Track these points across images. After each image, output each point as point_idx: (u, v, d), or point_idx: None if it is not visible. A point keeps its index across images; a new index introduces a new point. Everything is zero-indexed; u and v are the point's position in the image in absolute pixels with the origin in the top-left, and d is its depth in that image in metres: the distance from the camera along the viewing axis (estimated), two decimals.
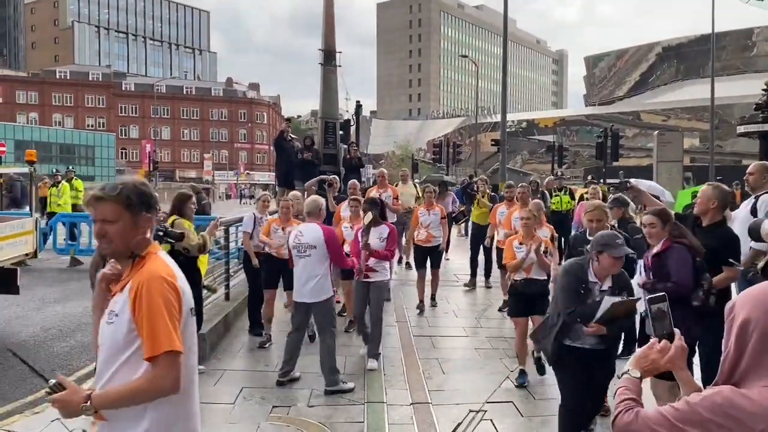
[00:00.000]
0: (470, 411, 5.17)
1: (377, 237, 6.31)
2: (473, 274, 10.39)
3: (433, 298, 8.95)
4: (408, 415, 5.07)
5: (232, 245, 8.70)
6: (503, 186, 11.81)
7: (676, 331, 1.71)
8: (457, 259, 12.73)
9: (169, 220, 5.83)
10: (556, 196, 11.91)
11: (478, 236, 10.24)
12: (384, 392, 5.58)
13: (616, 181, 16.65)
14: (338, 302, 7.80)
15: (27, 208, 10.23)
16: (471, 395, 5.56)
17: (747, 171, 5.62)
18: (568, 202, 11.85)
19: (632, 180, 6.85)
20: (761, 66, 70.64)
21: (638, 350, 1.75)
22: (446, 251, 10.47)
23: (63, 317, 8.47)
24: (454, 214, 12.25)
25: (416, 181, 13.37)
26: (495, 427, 4.82)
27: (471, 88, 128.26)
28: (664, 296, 1.76)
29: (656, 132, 14.89)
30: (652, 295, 1.78)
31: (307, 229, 5.71)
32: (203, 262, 6.05)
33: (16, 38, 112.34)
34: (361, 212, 6.94)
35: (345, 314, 7.94)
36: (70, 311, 8.71)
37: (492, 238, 9.26)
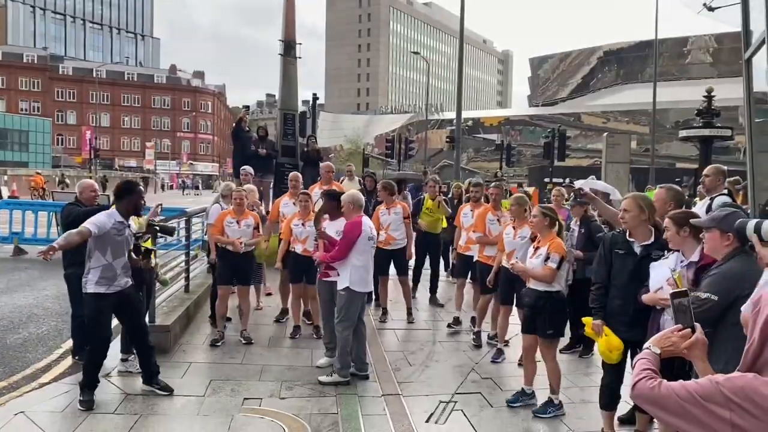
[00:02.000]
0: (441, 402, 5.29)
1: (335, 230, 5.91)
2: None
3: (409, 313, 8.09)
4: (381, 407, 5.14)
5: (194, 236, 8.53)
6: (456, 185, 11.26)
7: (697, 325, 1.82)
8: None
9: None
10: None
11: (426, 246, 9.10)
12: (355, 384, 5.64)
13: (561, 181, 17.18)
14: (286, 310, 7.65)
15: None
16: (439, 387, 5.67)
17: (703, 173, 5.93)
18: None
19: (582, 181, 7.09)
20: (695, 73, 73.89)
21: (662, 331, 1.86)
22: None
23: (12, 308, 8.14)
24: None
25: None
26: (466, 417, 4.95)
27: (419, 84, 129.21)
28: (686, 291, 1.88)
29: (605, 134, 15.43)
30: (675, 290, 1.89)
31: (370, 223, 5.92)
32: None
33: None
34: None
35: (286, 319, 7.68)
36: (19, 302, 8.39)
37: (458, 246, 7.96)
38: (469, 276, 7.79)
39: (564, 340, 6.27)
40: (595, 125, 70.35)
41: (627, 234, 4.19)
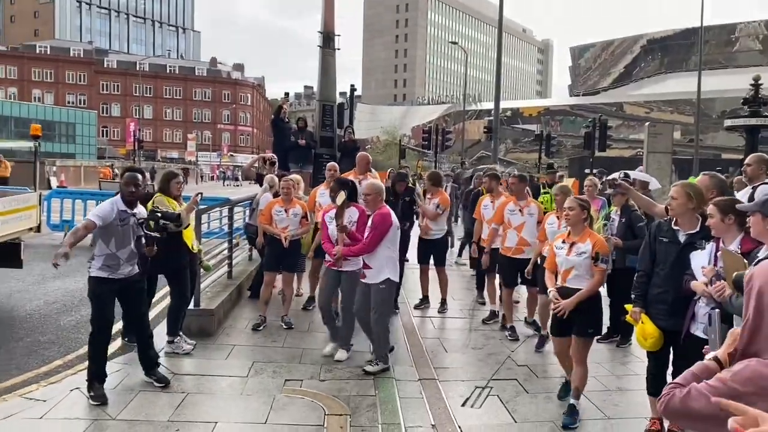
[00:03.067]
0: (476, 387, 5.37)
1: (346, 221, 5.83)
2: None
3: (443, 302, 8.07)
4: (417, 390, 5.25)
5: (238, 224, 8.77)
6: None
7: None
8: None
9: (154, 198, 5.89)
10: (545, 192, 9.57)
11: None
12: (392, 368, 5.76)
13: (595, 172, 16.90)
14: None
15: None
16: (475, 373, 5.77)
17: (744, 162, 5.85)
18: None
19: (630, 172, 7.06)
20: (742, 61, 71.55)
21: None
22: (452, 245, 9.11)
23: (65, 292, 8.52)
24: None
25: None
26: (501, 401, 5.03)
27: (456, 75, 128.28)
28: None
29: (647, 123, 15.14)
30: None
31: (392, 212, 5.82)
32: (188, 237, 6.04)
33: None
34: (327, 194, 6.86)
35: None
36: (70, 287, 8.76)
37: (478, 241, 7.83)
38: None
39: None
40: (638, 115, 68.79)
41: (673, 222, 4.17)
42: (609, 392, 5.25)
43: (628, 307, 4.34)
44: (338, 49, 12.59)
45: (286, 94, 13.92)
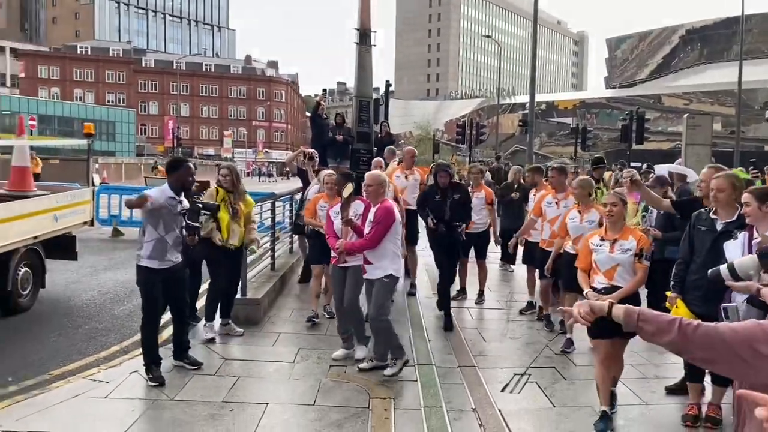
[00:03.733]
0: (515, 374, 5.51)
1: (351, 214, 5.63)
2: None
3: (480, 294, 8.20)
4: (457, 377, 5.42)
5: (278, 217, 9.04)
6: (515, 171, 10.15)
7: None
8: None
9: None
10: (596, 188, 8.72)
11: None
12: (431, 355, 5.94)
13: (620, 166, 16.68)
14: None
15: None
16: (513, 360, 5.92)
17: None
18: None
19: (665, 166, 7.08)
20: None
21: None
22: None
23: (116, 283, 8.91)
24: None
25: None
26: (540, 388, 5.17)
27: (490, 68, 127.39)
28: None
29: (686, 115, 14.90)
30: None
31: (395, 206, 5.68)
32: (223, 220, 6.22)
33: (38, 12, 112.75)
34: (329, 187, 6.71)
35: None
36: (121, 278, 9.15)
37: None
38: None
39: None
40: (677, 107, 67.41)
41: (712, 211, 4.25)
42: (647, 380, 5.35)
43: (669, 293, 4.44)
44: (374, 45, 12.73)
45: (324, 90, 14.20)
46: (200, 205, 5.57)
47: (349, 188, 5.75)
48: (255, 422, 4.38)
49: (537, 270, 7.19)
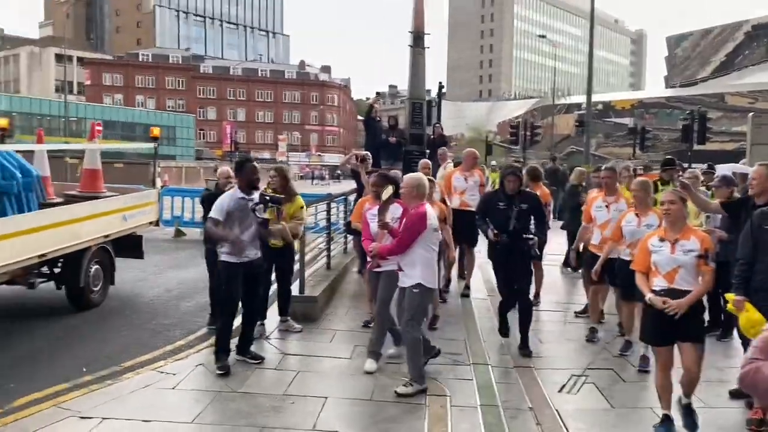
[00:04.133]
0: (572, 375, 5.49)
1: (389, 218, 5.40)
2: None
3: (536, 295, 7.96)
4: (513, 377, 5.44)
5: (332, 218, 9.22)
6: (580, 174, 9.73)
7: None
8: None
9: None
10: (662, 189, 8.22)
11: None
12: (487, 356, 5.96)
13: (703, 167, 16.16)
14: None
15: None
16: (570, 362, 5.88)
17: None
18: None
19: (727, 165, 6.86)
20: None
21: None
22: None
23: (180, 281, 9.27)
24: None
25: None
26: (598, 389, 5.13)
27: (544, 69, 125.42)
28: None
29: (751, 114, 14.38)
30: None
31: (433, 212, 5.36)
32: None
33: (102, 22, 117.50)
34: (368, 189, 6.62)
35: None
36: (185, 276, 9.50)
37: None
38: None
39: None
40: (741, 106, 64.83)
41: None
42: (710, 383, 5.22)
43: (729, 296, 4.33)
44: (428, 47, 12.83)
45: (378, 93, 14.30)
46: (267, 198, 5.73)
47: (387, 191, 5.57)
48: (315, 415, 4.51)
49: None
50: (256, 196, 5.57)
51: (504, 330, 6.44)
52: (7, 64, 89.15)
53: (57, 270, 7.29)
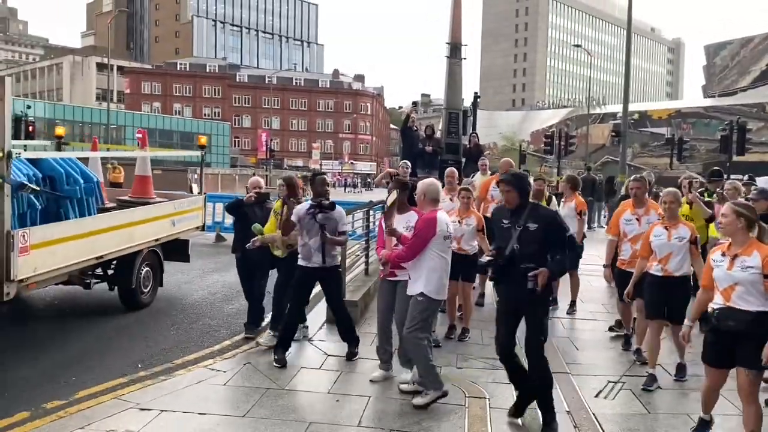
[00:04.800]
0: (609, 381, 5.59)
1: (403, 225, 5.23)
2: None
3: (572, 305, 8.20)
4: None
5: (371, 225, 9.44)
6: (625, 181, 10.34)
7: None
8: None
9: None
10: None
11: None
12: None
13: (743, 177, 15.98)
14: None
15: None
16: (607, 369, 5.98)
17: None
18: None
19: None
20: None
21: None
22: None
23: (223, 284, 9.59)
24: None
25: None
26: (634, 395, 5.22)
27: (578, 77, 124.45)
28: None
29: None
30: None
31: (447, 219, 5.26)
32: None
33: (142, 32, 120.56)
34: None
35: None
36: (227, 280, 9.81)
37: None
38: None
39: None
40: None
41: None
42: None
43: None
44: (464, 58, 13.05)
45: (414, 103, 14.58)
46: (317, 204, 5.87)
47: (392, 196, 5.46)
48: (359, 413, 4.72)
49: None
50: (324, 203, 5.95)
51: (515, 409, 4.80)
52: (51, 73, 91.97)
53: (110, 272, 7.65)
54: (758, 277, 3.90)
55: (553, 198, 8.48)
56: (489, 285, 8.57)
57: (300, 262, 5.94)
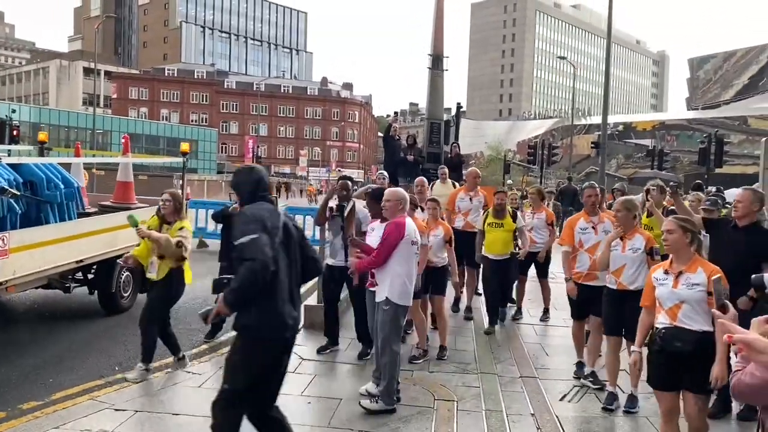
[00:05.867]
0: (574, 386, 5.77)
1: (380, 236, 5.11)
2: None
3: (545, 312, 8.40)
4: (518, 386, 5.73)
5: None
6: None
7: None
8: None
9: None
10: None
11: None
12: (494, 365, 6.26)
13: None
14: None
15: None
16: (574, 374, 6.14)
17: None
18: None
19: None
20: None
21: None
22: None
23: (203, 290, 9.59)
24: None
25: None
26: (599, 399, 5.40)
27: (564, 89, 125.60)
28: None
29: (765, 139, 14.54)
30: None
31: (414, 225, 5.23)
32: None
33: (130, 37, 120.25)
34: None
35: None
36: (208, 285, 9.86)
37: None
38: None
39: None
40: (764, 129, 64.43)
41: None
42: None
43: None
44: (446, 70, 13.28)
45: (396, 112, 14.77)
46: (336, 207, 6.34)
47: (349, 205, 5.95)
48: (330, 414, 4.85)
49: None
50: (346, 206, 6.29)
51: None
52: (37, 77, 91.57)
53: (90, 276, 7.74)
54: (704, 295, 3.76)
55: (518, 212, 8.08)
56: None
57: (327, 260, 6.41)
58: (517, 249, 7.85)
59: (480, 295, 8.60)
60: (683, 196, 8.01)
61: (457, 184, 10.43)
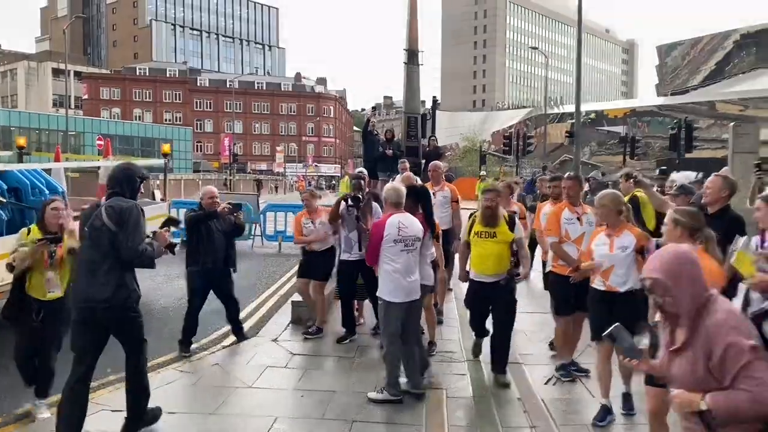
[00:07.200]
0: (556, 370, 5.98)
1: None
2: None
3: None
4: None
5: None
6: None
7: None
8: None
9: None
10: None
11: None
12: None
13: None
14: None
15: None
16: (557, 359, 6.36)
17: None
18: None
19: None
20: None
21: None
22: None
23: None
24: None
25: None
26: (581, 382, 5.62)
27: (538, 78, 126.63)
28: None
29: (732, 123, 14.88)
30: None
31: (408, 220, 5.16)
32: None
33: (99, 37, 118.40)
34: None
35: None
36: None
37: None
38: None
39: None
40: (732, 113, 65.68)
41: None
42: None
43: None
44: (422, 64, 13.41)
45: (373, 107, 14.94)
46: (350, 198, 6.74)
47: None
48: (324, 406, 5.00)
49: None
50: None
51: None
52: (5, 79, 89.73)
53: None
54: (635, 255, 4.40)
55: (516, 218, 7.33)
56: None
57: (342, 255, 6.71)
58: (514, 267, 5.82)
59: (451, 290, 8.86)
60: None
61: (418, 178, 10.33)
